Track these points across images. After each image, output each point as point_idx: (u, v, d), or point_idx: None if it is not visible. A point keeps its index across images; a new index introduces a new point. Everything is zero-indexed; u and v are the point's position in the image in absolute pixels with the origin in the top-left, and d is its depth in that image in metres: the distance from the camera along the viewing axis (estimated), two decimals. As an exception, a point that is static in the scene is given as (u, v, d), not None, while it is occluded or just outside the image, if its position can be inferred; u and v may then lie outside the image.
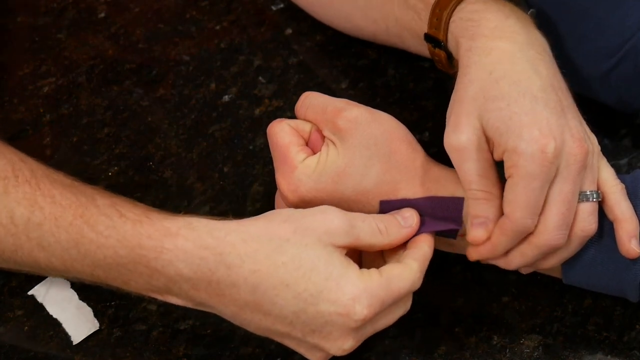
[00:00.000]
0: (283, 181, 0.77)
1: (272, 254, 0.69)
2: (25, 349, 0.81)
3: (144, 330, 0.81)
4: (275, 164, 0.78)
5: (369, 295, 0.69)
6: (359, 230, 0.72)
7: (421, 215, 0.76)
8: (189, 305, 0.73)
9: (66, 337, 0.81)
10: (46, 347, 0.81)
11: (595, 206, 0.73)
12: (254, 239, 0.70)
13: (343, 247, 0.71)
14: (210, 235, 0.70)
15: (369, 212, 0.76)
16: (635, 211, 0.73)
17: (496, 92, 0.72)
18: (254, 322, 0.72)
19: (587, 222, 0.73)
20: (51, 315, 0.82)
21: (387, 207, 0.76)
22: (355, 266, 0.71)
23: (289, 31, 0.99)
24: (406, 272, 0.72)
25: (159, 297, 0.74)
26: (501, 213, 0.73)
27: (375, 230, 0.73)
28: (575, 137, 0.72)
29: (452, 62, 0.81)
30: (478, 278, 0.82)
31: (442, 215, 0.76)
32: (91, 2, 1.03)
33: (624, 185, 0.75)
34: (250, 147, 0.91)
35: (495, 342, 0.79)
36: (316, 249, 0.70)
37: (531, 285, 0.81)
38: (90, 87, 0.97)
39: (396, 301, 0.72)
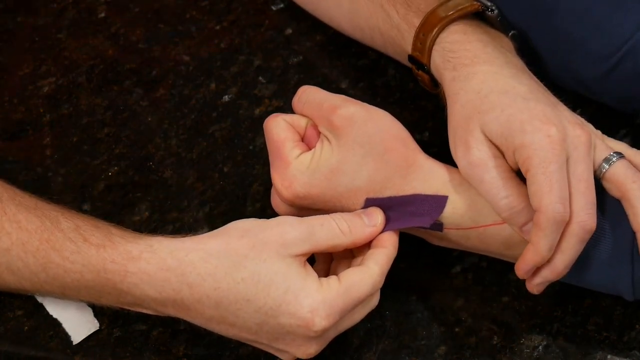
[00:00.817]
0: (277, 177, 0.78)
1: (231, 270, 0.71)
2: (25, 349, 0.81)
3: (144, 330, 0.81)
4: (270, 159, 0.79)
5: (328, 307, 0.71)
6: (318, 236, 0.73)
7: (400, 211, 0.76)
8: (160, 315, 0.76)
9: (66, 337, 0.81)
10: (46, 347, 0.81)
11: (626, 161, 0.74)
12: (213, 257, 0.72)
13: (303, 255, 0.73)
14: (171, 256, 0.72)
15: (354, 209, 0.77)
16: None
17: (488, 105, 0.74)
18: (222, 331, 0.74)
19: (630, 176, 0.73)
20: (51, 315, 0.82)
21: (371, 204, 0.77)
22: (314, 277, 0.72)
23: (289, 31, 0.99)
24: (366, 277, 0.73)
25: (130, 309, 0.76)
26: None
27: (336, 231, 0.74)
28: (573, 122, 0.74)
29: (435, 84, 0.82)
30: (478, 278, 0.82)
31: (424, 213, 0.76)
32: (91, 2, 1.03)
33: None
34: (250, 147, 0.91)
35: (495, 342, 0.79)
36: (274, 262, 0.71)
37: (531, 285, 0.81)
38: (90, 87, 0.97)
39: (357, 305, 0.73)
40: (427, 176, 0.77)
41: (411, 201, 0.77)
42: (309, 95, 0.80)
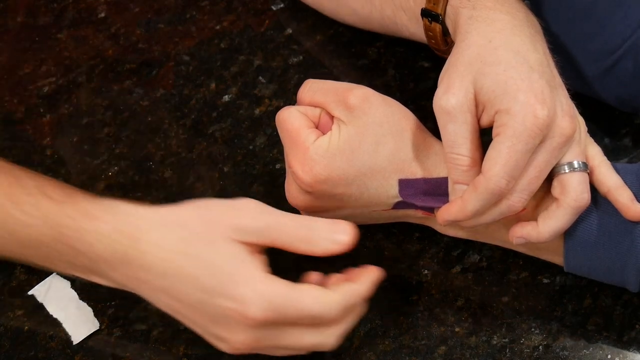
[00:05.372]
0: (297, 163, 0.77)
1: (179, 245, 0.71)
2: (25, 349, 0.81)
3: (144, 330, 0.81)
4: (286, 150, 0.78)
5: (266, 301, 0.69)
6: (275, 235, 0.71)
7: (432, 193, 0.76)
8: (112, 285, 0.75)
9: (66, 337, 0.81)
10: (46, 347, 0.81)
11: (585, 176, 0.74)
12: (167, 228, 0.71)
13: (256, 245, 0.71)
14: (126, 221, 0.72)
15: (386, 190, 0.77)
16: None
17: (494, 58, 0.73)
18: (169, 306, 0.73)
19: (579, 192, 0.73)
20: (51, 315, 0.82)
21: (405, 185, 0.76)
22: (261, 268, 0.70)
23: (289, 31, 0.99)
24: (321, 297, 0.70)
25: (85, 277, 0.75)
26: None
27: (292, 236, 0.72)
28: (566, 111, 0.73)
29: (446, 38, 0.82)
30: (478, 278, 0.82)
31: None
32: (91, 2, 1.03)
33: (609, 162, 0.76)
34: (250, 147, 0.91)
35: (495, 342, 0.79)
36: (222, 245, 0.71)
37: (531, 285, 0.81)
38: (90, 87, 0.97)
39: (303, 322, 0.71)
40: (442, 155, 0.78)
41: (443, 184, 0.76)
42: (318, 84, 0.80)
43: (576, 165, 0.73)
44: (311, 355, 0.76)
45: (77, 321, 0.81)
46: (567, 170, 0.73)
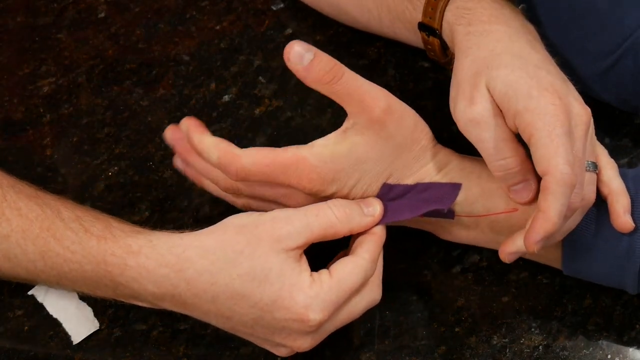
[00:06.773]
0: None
1: (228, 267, 0.71)
2: (25, 349, 0.81)
3: (144, 330, 0.81)
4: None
5: (321, 301, 0.71)
6: (313, 227, 0.73)
7: (414, 199, 0.76)
8: (155, 307, 0.76)
9: (66, 337, 0.81)
10: (46, 347, 0.81)
11: (594, 177, 0.74)
12: (210, 253, 0.72)
13: (298, 248, 0.73)
14: (169, 252, 0.73)
15: (369, 194, 0.76)
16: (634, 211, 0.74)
17: (499, 62, 0.73)
18: (219, 324, 0.74)
19: (586, 191, 0.73)
20: (51, 315, 0.82)
21: (387, 190, 0.76)
22: (307, 272, 0.72)
23: (289, 31, 0.99)
24: (356, 267, 0.73)
25: (126, 301, 0.76)
26: (536, 173, 0.72)
27: (332, 220, 0.73)
28: (579, 100, 0.73)
29: (445, 50, 0.82)
30: (478, 278, 0.82)
31: (438, 200, 0.76)
32: (91, 2, 1.03)
33: (616, 164, 0.76)
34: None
35: (495, 342, 0.79)
36: (268, 259, 0.71)
37: (531, 285, 0.81)
38: (90, 87, 0.97)
39: (352, 296, 0.73)
40: (441, 164, 0.77)
41: (426, 188, 0.77)
42: (349, 81, 0.75)
43: (586, 164, 0.73)
44: (311, 355, 0.76)
45: (77, 321, 0.81)
46: None
